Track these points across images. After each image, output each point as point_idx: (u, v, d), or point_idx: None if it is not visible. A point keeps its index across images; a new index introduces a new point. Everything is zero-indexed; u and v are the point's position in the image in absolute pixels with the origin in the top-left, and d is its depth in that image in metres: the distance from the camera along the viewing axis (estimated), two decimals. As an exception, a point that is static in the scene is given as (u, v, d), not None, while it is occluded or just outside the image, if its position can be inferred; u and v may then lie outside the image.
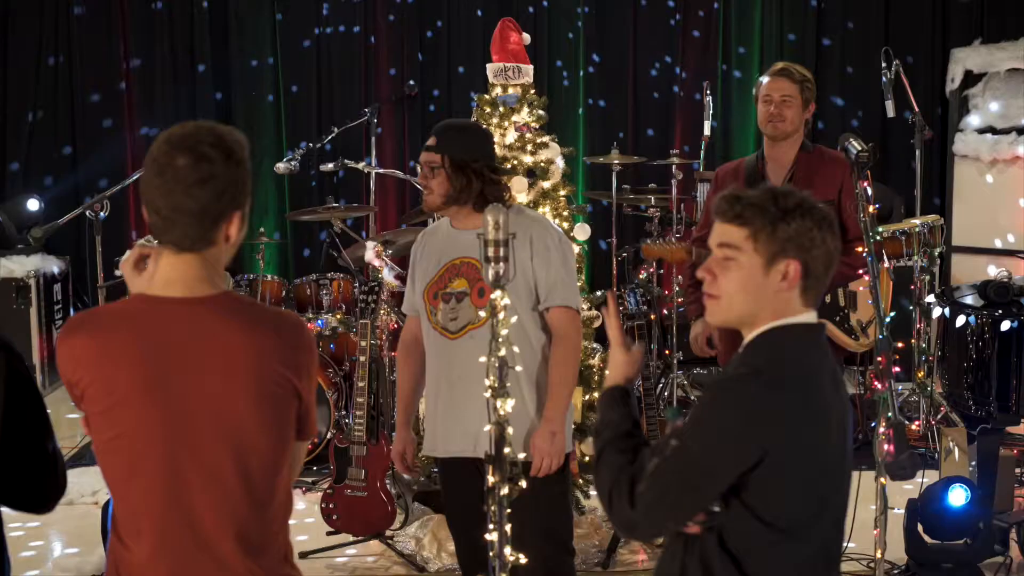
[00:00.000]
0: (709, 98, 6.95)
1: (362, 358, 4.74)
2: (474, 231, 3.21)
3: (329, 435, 5.60)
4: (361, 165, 6.21)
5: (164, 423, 2.07)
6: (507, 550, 2.34)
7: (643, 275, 6.64)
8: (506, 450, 2.49)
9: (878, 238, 3.87)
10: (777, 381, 2.11)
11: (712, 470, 2.09)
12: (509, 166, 4.71)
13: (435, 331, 3.41)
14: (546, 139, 4.80)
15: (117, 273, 5.81)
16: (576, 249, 4.81)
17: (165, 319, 2.10)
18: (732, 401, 2.11)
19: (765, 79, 4.26)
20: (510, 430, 2.51)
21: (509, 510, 2.52)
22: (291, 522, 2.26)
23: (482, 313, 3.30)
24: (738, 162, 4.35)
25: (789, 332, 2.18)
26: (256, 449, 2.12)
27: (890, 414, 3.20)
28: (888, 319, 3.67)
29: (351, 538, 4.80)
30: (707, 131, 6.97)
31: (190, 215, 2.08)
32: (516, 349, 3.19)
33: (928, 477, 4.59)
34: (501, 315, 2.42)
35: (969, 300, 4.79)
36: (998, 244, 7.14)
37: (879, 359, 3.61)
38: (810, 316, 2.22)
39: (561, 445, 3.35)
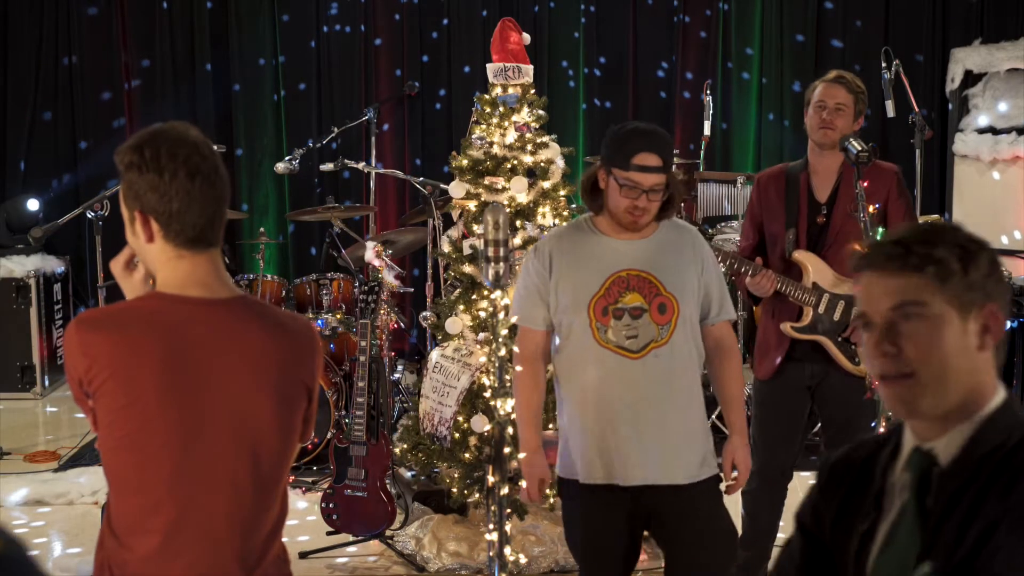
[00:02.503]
0: (709, 98, 6.95)
1: (362, 358, 4.74)
2: (640, 240, 3.16)
3: (329, 435, 5.60)
4: (361, 165, 6.21)
5: (181, 423, 2.07)
6: (507, 550, 2.34)
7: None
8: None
9: (878, 238, 3.86)
10: None
11: None
12: (509, 166, 4.71)
13: (606, 350, 3.12)
14: (546, 139, 4.80)
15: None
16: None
17: (186, 319, 2.10)
18: None
19: (819, 85, 4.16)
20: (509, 430, 2.49)
21: (509, 510, 2.49)
22: (292, 522, 2.26)
23: (664, 330, 3.13)
24: (781, 167, 4.23)
25: (1009, 416, 1.64)
26: (269, 451, 2.13)
27: (890, 414, 3.20)
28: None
29: (351, 538, 4.80)
30: (707, 131, 6.97)
31: (220, 216, 2.12)
32: (685, 364, 3.19)
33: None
34: (501, 315, 2.41)
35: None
36: (1004, 241, 7.14)
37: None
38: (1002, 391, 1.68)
39: (749, 456, 3.37)
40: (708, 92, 6.97)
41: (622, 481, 3.17)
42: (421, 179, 5.89)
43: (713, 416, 6.27)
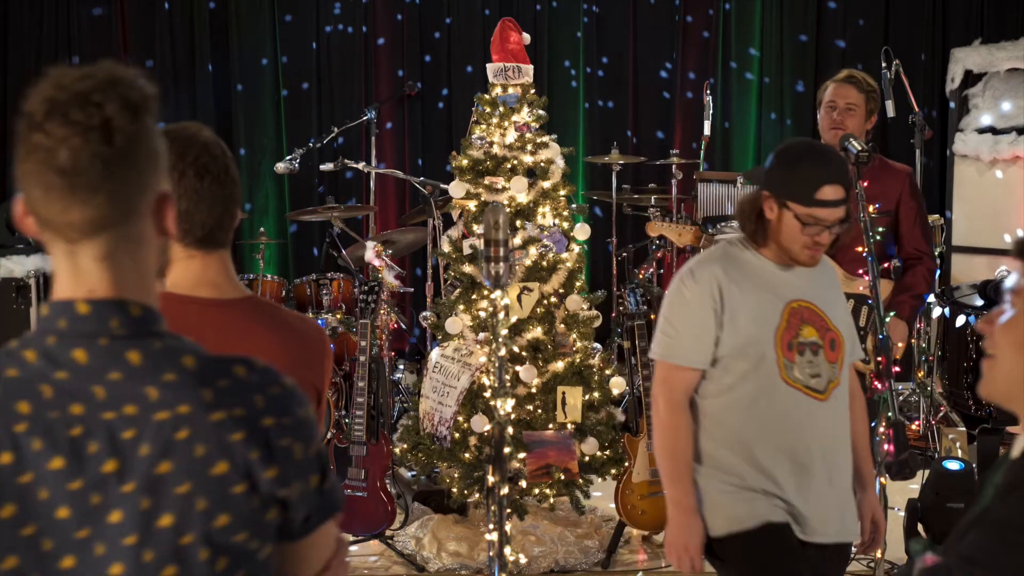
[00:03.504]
0: (709, 98, 6.95)
1: (362, 358, 4.74)
2: (802, 269, 2.82)
3: (329, 435, 5.60)
4: (361, 165, 6.21)
5: None
6: (507, 550, 2.33)
7: (643, 275, 6.65)
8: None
9: (878, 238, 3.86)
10: None
11: None
12: (509, 166, 4.71)
13: (793, 389, 2.77)
14: (546, 139, 4.80)
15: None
16: (576, 249, 4.82)
17: (196, 320, 2.09)
18: None
19: (830, 85, 4.13)
20: (509, 430, 2.46)
21: (509, 510, 2.47)
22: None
23: (835, 369, 2.83)
24: None
25: None
26: None
27: (890, 414, 3.20)
28: (888, 318, 3.67)
29: (351, 538, 4.80)
30: (707, 131, 6.97)
31: (229, 216, 2.12)
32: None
33: (928, 477, 4.59)
34: (501, 315, 2.39)
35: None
36: (1006, 239, 7.14)
37: (879, 359, 3.61)
38: None
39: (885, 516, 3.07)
40: (708, 92, 6.98)
41: (811, 536, 2.81)
42: (421, 179, 5.89)
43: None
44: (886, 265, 4.02)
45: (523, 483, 4.57)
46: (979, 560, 1.58)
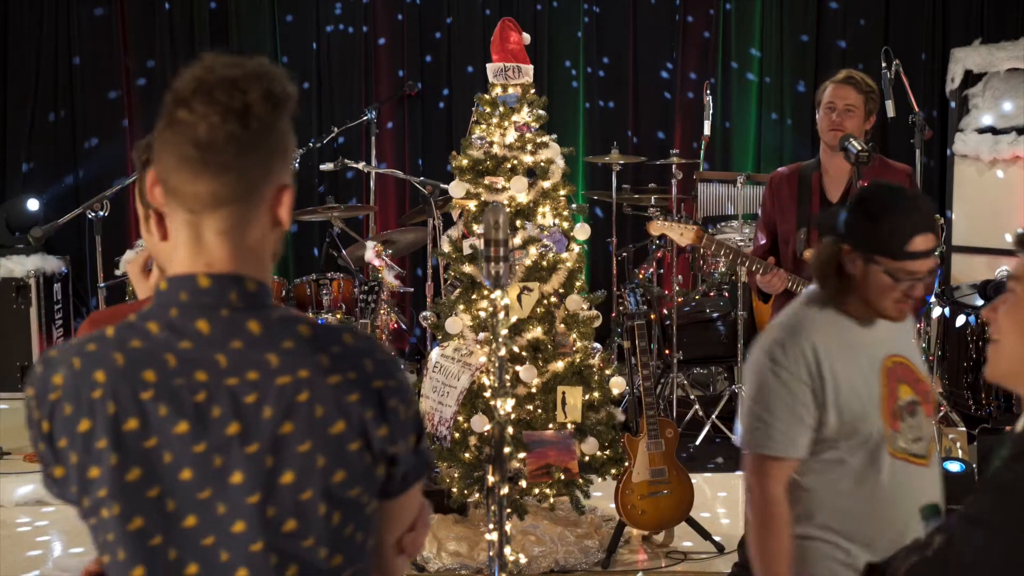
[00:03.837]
0: (709, 98, 6.95)
1: (362, 358, 4.73)
2: (887, 320, 2.56)
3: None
4: (361, 165, 6.21)
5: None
6: (507, 550, 2.33)
7: (643, 275, 6.65)
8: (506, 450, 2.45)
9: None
10: None
11: None
12: (509, 166, 4.71)
13: (898, 460, 2.55)
14: (546, 139, 4.80)
15: (117, 272, 5.83)
16: (576, 249, 4.82)
17: None
18: None
19: (829, 86, 4.12)
20: (509, 430, 2.45)
21: (509, 510, 2.44)
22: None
23: (930, 422, 2.61)
24: (793, 168, 4.18)
25: None
26: None
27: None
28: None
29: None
30: (707, 131, 6.97)
31: None
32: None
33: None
34: (501, 315, 2.38)
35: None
36: (1007, 239, 7.14)
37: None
38: None
39: None
40: (708, 92, 6.98)
41: None
42: (421, 179, 5.89)
43: (713, 416, 6.29)
44: None
45: (523, 483, 4.57)
46: (982, 520, 1.62)
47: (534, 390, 4.61)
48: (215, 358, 1.47)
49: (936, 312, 5.53)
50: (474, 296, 4.69)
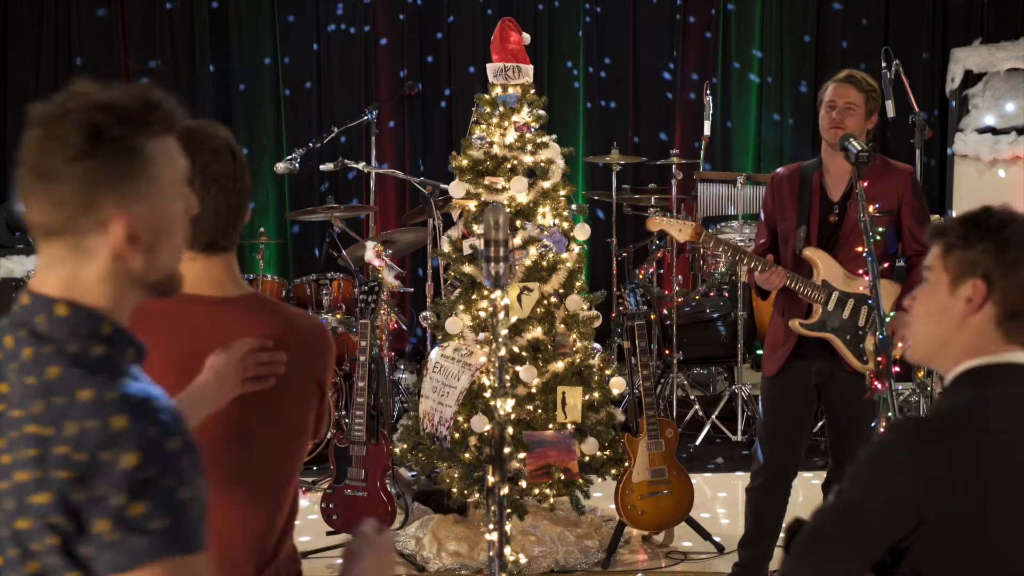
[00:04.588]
0: (709, 98, 6.95)
1: (362, 358, 4.74)
2: None
3: (329, 435, 5.61)
4: (361, 165, 6.21)
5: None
6: (507, 550, 2.33)
7: (643, 275, 6.65)
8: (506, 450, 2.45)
9: (878, 238, 3.86)
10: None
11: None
12: (509, 166, 4.71)
13: None
14: (546, 139, 4.80)
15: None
16: (576, 249, 4.82)
17: (198, 318, 2.09)
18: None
19: (830, 85, 4.13)
20: (509, 430, 2.45)
21: (509, 510, 2.44)
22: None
23: None
24: (794, 167, 4.19)
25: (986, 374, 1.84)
26: (281, 450, 2.12)
27: (890, 414, 3.20)
28: (888, 318, 3.67)
29: (351, 538, 4.80)
30: (707, 131, 6.97)
31: (235, 223, 2.11)
32: None
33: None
34: (501, 315, 2.39)
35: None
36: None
37: (879, 359, 3.61)
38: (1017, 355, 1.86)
39: None
40: (708, 92, 6.98)
41: None
42: (421, 179, 5.89)
43: (713, 416, 6.29)
44: (886, 265, 4.02)
45: (523, 483, 4.57)
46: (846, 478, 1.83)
47: (534, 390, 4.61)
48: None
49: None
50: (474, 296, 4.69)
